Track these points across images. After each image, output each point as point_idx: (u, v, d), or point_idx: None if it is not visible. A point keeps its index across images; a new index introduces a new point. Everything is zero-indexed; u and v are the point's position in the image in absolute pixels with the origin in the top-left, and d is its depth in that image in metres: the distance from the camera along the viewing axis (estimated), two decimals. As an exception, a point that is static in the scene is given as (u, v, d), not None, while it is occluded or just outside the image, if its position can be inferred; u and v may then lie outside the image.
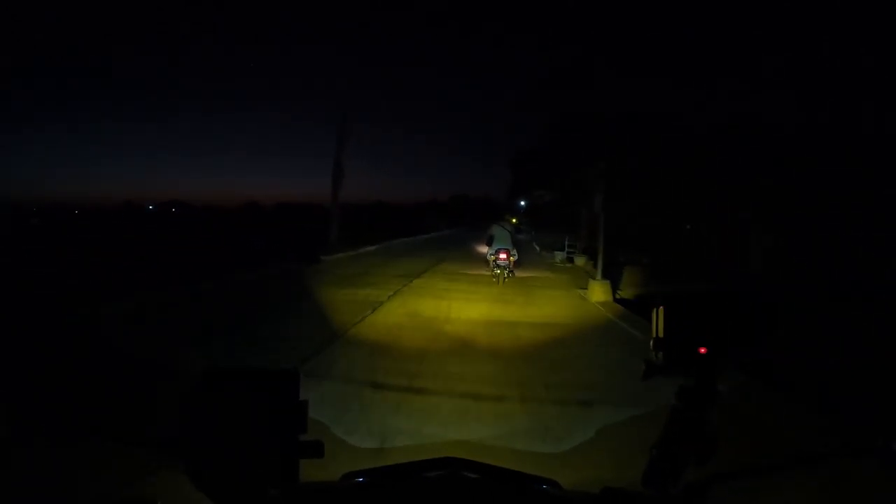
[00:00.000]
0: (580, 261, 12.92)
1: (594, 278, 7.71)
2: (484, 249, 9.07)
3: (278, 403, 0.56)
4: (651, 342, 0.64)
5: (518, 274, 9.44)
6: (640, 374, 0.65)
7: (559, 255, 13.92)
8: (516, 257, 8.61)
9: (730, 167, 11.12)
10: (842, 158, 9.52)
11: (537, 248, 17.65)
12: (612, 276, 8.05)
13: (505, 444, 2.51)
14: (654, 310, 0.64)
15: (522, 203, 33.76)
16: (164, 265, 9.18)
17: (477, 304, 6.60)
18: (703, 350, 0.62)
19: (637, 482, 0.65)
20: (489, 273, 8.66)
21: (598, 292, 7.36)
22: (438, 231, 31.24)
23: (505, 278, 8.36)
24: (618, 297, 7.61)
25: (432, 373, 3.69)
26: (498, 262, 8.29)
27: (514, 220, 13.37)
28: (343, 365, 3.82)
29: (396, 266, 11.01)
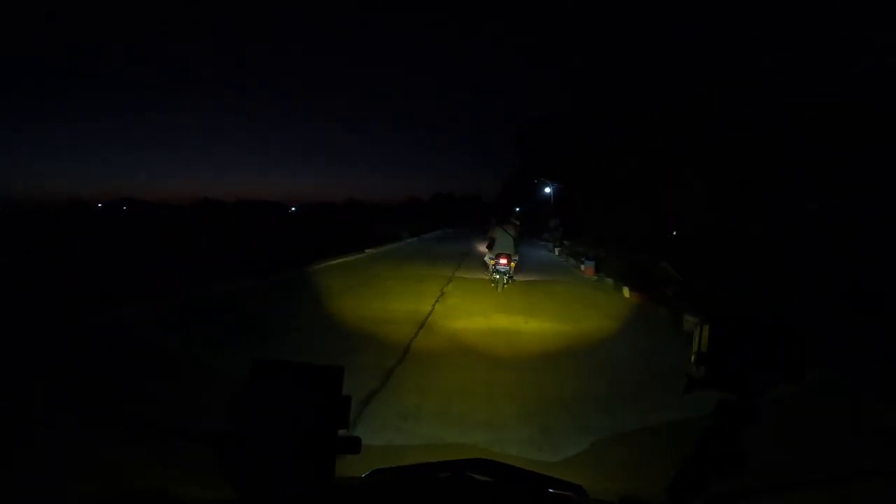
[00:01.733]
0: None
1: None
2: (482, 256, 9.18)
3: (323, 398, 0.60)
4: (693, 357, 0.66)
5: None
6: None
7: None
8: (517, 262, 8.30)
9: None
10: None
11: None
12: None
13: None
14: (699, 326, 0.66)
15: (548, 189, 23.19)
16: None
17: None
18: (747, 367, 0.64)
19: (653, 491, 0.68)
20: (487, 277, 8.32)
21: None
22: (398, 241, 18.42)
23: (504, 284, 7.91)
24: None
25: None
26: (498, 266, 7.94)
27: (517, 222, 9.01)
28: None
29: None
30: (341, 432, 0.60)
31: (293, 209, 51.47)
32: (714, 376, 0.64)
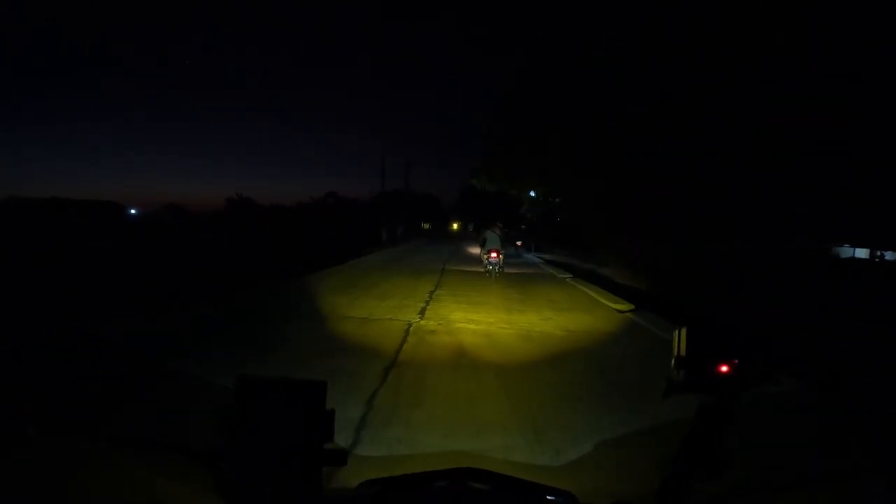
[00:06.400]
0: None
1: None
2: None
3: (306, 412, 0.63)
4: (672, 361, 0.70)
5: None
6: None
7: None
8: (504, 255, 11.31)
9: None
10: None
11: None
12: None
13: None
14: (677, 330, 0.71)
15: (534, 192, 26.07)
16: None
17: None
18: (724, 369, 0.66)
19: (645, 497, 0.71)
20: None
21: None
22: None
23: (496, 273, 10.92)
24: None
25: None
26: (490, 259, 10.90)
27: (501, 224, 12.10)
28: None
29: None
30: (327, 445, 0.63)
31: (132, 211, 36.53)
32: (693, 380, 0.68)
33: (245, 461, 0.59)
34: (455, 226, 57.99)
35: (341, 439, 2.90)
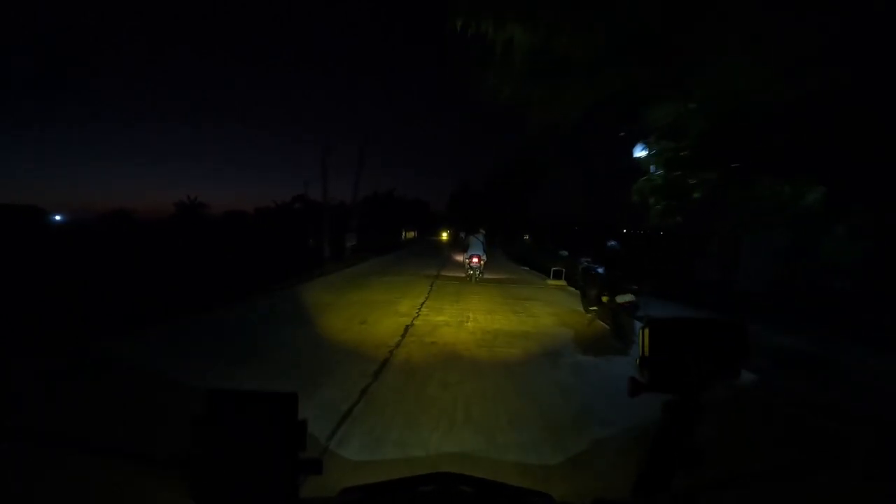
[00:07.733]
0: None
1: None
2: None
3: (278, 424, 0.64)
4: (637, 360, 0.71)
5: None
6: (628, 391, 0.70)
7: None
8: (485, 260, 12.02)
9: None
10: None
11: None
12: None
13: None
14: (641, 330, 0.72)
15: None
16: None
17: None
18: (687, 367, 0.69)
19: (625, 493, 0.73)
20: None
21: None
22: None
23: (476, 278, 11.75)
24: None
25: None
26: (472, 264, 11.70)
27: (484, 231, 12.57)
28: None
29: None
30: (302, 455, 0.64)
31: (57, 218, 32.13)
32: (658, 378, 0.68)
33: (219, 472, 0.61)
34: (445, 235, 49.75)
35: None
